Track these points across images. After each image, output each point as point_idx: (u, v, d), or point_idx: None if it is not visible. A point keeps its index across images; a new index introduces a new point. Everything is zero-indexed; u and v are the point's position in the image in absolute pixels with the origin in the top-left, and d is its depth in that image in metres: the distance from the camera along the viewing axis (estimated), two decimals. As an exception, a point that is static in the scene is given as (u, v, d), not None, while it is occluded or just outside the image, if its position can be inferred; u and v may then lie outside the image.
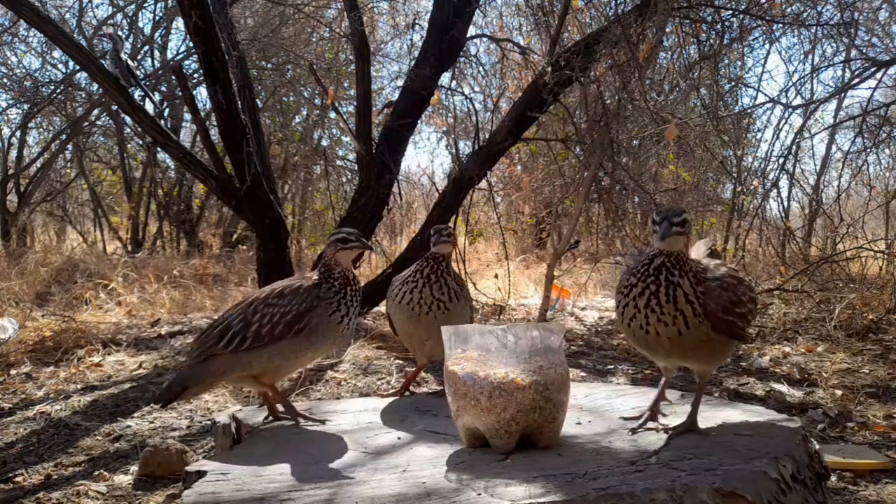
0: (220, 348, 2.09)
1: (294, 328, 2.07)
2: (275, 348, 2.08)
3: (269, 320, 2.07)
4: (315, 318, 2.10)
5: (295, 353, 2.12)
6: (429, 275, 2.34)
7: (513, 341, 1.76)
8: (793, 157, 7.76)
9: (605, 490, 1.43)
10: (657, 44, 4.22)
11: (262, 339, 2.06)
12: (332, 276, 2.16)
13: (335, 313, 2.14)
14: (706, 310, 1.78)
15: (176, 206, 9.79)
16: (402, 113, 4.89)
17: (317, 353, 2.19)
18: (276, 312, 2.08)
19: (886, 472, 2.52)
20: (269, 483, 1.59)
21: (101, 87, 4.43)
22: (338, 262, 2.17)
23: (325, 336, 2.13)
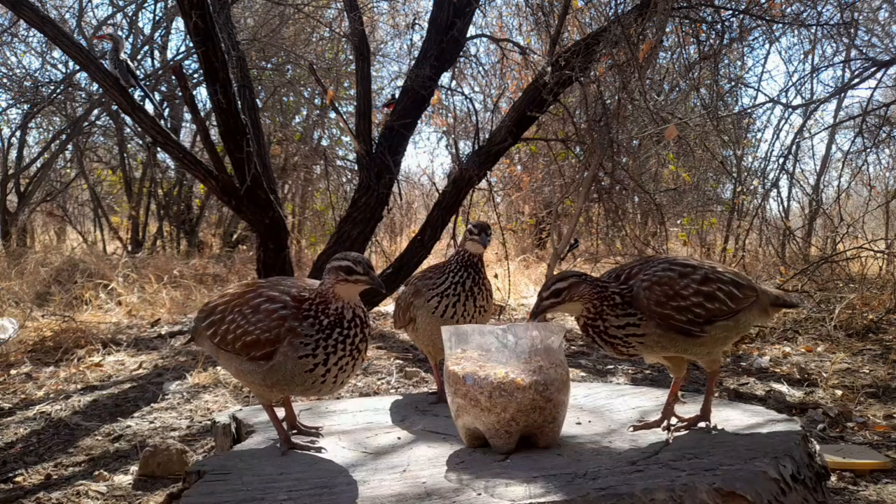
0: (203, 329, 1.95)
1: (250, 353, 1.79)
2: (237, 362, 1.85)
3: (234, 330, 1.83)
4: (279, 354, 1.75)
5: (254, 378, 1.83)
6: (471, 287, 2.20)
7: (513, 341, 1.76)
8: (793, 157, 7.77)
9: (605, 490, 1.43)
10: (657, 44, 4.22)
11: (226, 344, 1.85)
12: (325, 310, 1.77)
13: (306, 358, 1.74)
14: (640, 309, 1.80)
15: (176, 206, 9.79)
16: (402, 113, 4.89)
17: (281, 391, 1.85)
18: (241, 324, 1.81)
19: (886, 472, 2.52)
20: (269, 483, 1.59)
21: (101, 87, 4.42)
22: (337, 295, 1.77)
23: (288, 379, 1.77)
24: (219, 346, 1.88)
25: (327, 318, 1.76)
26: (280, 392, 1.84)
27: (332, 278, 1.76)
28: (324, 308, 1.77)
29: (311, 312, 1.77)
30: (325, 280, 1.78)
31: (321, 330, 1.75)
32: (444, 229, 5.03)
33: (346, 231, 4.76)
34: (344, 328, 1.76)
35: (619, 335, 1.82)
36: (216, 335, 1.87)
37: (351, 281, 1.76)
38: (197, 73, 7.87)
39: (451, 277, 2.21)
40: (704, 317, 1.83)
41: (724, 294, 1.86)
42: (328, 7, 7.19)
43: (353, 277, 1.75)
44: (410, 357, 4.33)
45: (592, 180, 4.61)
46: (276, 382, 1.79)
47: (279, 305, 1.79)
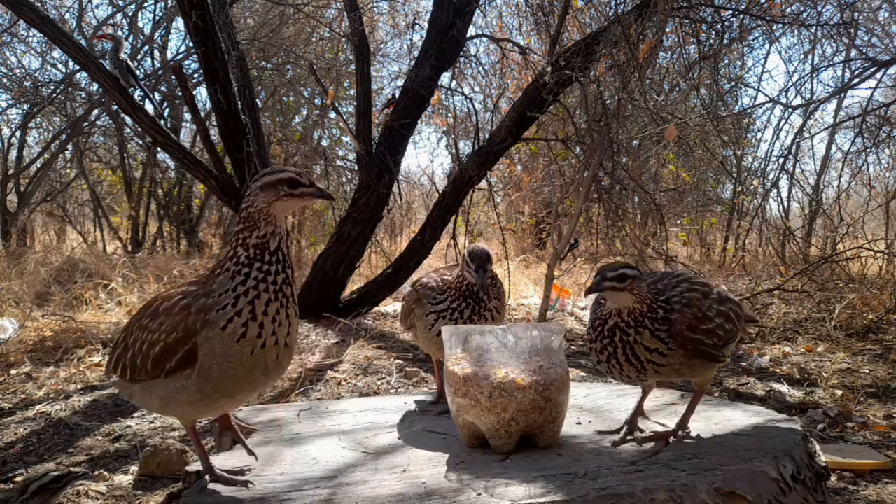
0: (111, 371, 1.69)
1: (164, 367, 1.48)
2: (159, 389, 1.54)
3: (139, 349, 1.54)
4: (202, 348, 1.43)
5: (188, 396, 1.49)
6: (470, 316, 2.12)
7: (513, 341, 1.76)
8: (793, 157, 7.77)
9: (605, 490, 1.43)
10: (657, 44, 4.22)
11: (139, 371, 1.55)
12: (244, 241, 1.45)
13: (231, 323, 1.42)
14: (672, 334, 1.73)
15: (176, 206, 9.79)
16: (402, 113, 4.89)
17: (225, 395, 1.51)
18: (144, 338, 1.52)
19: (886, 472, 2.52)
20: (268, 483, 1.59)
21: (101, 87, 4.43)
22: (270, 217, 1.46)
23: (228, 372, 1.44)
24: (132, 381, 1.58)
25: (246, 252, 1.44)
26: (226, 397, 1.51)
27: (271, 195, 1.45)
28: (244, 240, 1.45)
29: (224, 263, 1.47)
30: (256, 199, 1.46)
31: (238, 272, 1.43)
32: (444, 229, 5.03)
33: (346, 231, 4.76)
34: (264, 262, 1.44)
35: (641, 358, 1.73)
36: (126, 369, 1.57)
37: (296, 195, 1.47)
38: (197, 73, 7.88)
39: (450, 303, 2.13)
40: (724, 339, 1.79)
41: (735, 314, 1.84)
42: (328, 7, 7.19)
43: (298, 191, 1.47)
44: (410, 357, 4.33)
45: (592, 180, 4.60)
46: (216, 387, 1.47)
47: (178, 297, 1.50)
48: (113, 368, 1.66)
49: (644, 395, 1.93)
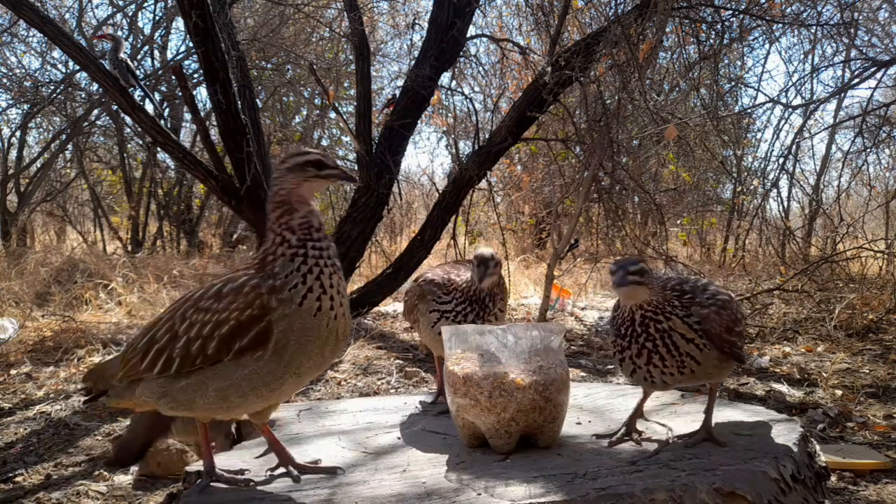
0: (143, 371, 1.55)
1: (233, 347, 1.45)
2: (219, 378, 1.48)
3: (198, 333, 1.47)
4: (277, 325, 1.44)
5: (255, 381, 1.47)
6: (474, 320, 2.11)
7: (513, 341, 1.75)
8: (793, 157, 7.78)
9: (605, 490, 1.43)
10: (657, 44, 4.22)
11: (192, 360, 1.48)
12: (289, 226, 1.49)
13: (307, 298, 1.46)
14: (709, 335, 1.72)
15: (176, 206, 9.79)
16: (402, 113, 4.89)
17: (295, 374, 1.50)
18: (206, 321, 1.47)
19: (886, 472, 2.52)
20: (268, 483, 1.59)
21: (101, 87, 4.43)
22: (301, 198, 1.50)
23: (303, 345, 1.46)
24: (177, 375, 1.51)
25: (294, 234, 1.48)
26: (294, 377, 1.50)
27: (299, 177, 1.49)
28: (287, 223, 1.49)
29: (276, 249, 1.48)
30: (285, 182, 1.49)
31: (295, 255, 1.47)
32: (444, 229, 5.03)
33: (346, 231, 4.76)
34: (314, 239, 1.48)
35: (681, 349, 1.70)
36: (171, 361, 1.50)
37: (322, 176, 1.52)
38: (197, 73, 7.88)
39: (455, 305, 2.12)
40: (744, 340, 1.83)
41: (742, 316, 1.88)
42: (328, 7, 7.19)
43: (324, 172, 1.51)
44: (410, 357, 4.33)
45: (592, 180, 4.60)
46: (287, 366, 1.47)
47: (243, 278, 1.49)
48: (147, 367, 1.53)
49: (645, 396, 1.92)
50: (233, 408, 1.54)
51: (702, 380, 1.82)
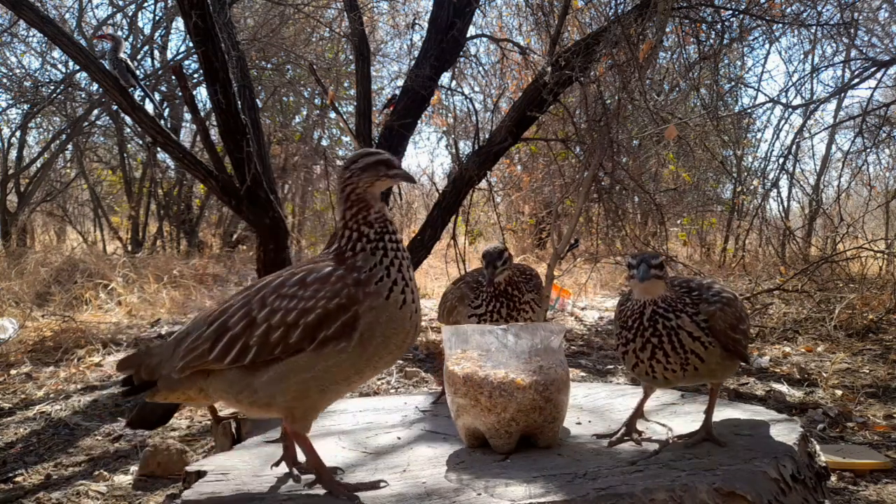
0: (213, 360, 1.48)
1: (318, 336, 1.42)
2: (290, 366, 1.45)
3: (282, 320, 1.43)
4: (364, 314, 1.44)
5: (339, 371, 1.45)
6: (508, 314, 2.18)
7: (513, 341, 1.76)
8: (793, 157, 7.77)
9: (605, 490, 1.43)
10: (657, 44, 4.21)
11: (271, 349, 1.44)
12: (366, 220, 1.51)
13: (393, 291, 1.47)
14: (714, 332, 1.73)
15: (176, 206, 9.79)
16: (402, 113, 4.89)
17: (374, 367, 1.51)
18: (291, 308, 1.44)
19: (886, 472, 2.52)
20: (268, 483, 1.59)
21: (101, 87, 4.43)
22: (374, 196, 1.54)
23: (387, 336, 1.46)
24: (249, 369, 1.46)
25: (372, 229, 1.50)
26: (371, 370, 1.51)
27: (373, 175, 1.53)
28: (364, 218, 1.51)
29: (355, 245, 1.50)
30: (360, 181, 1.52)
31: (375, 249, 1.49)
32: (445, 229, 5.02)
33: (347, 231, 4.76)
34: (390, 233, 1.52)
35: (686, 347, 1.71)
36: (244, 351, 1.45)
37: (390, 176, 1.56)
38: (197, 73, 7.88)
39: (486, 305, 2.19)
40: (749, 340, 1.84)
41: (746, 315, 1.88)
42: (328, 7, 7.19)
43: (392, 172, 1.55)
44: (410, 357, 4.33)
45: (592, 180, 4.60)
46: (369, 359, 1.47)
47: (327, 268, 1.48)
48: (217, 356, 1.46)
49: (646, 396, 1.92)
50: (311, 405, 1.50)
51: (705, 378, 1.82)
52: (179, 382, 1.54)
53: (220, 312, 1.52)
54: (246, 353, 1.45)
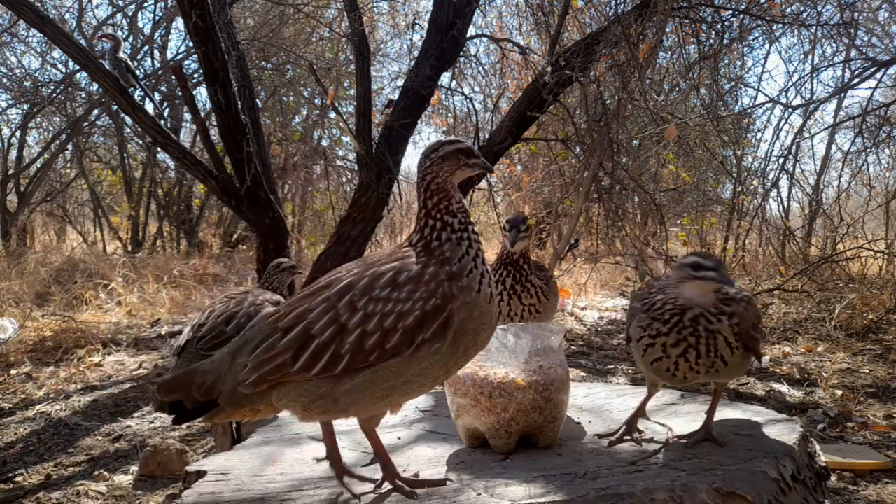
0: (297, 371, 1.38)
1: (416, 340, 1.36)
2: (381, 373, 1.38)
3: (379, 325, 1.36)
4: (458, 311, 1.38)
5: (421, 378, 1.40)
6: (513, 285, 2.14)
7: (513, 341, 1.75)
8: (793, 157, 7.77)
9: (605, 490, 1.43)
10: (657, 44, 4.22)
11: (365, 356, 1.36)
12: (448, 209, 1.45)
13: (482, 283, 1.42)
14: (739, 332, 1.71)
15: (176, 206, 9.80)
16: (402, 113, 4.89)
17: (459, 365, 1.47)
18: (389, 312, 1.36)
19: (886, 472, 2.52)
20: (268, 483, 1.59)
21: (101, 87, 4.43)
22: (455, 185, 1.48)
23: (476, 334, 1.42)
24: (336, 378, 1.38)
25: (455, 218, 1.45)
26: (458, 368, 1.49)
27: (454, 164, 1.47)
28: (447, 208, 1.45)
29: (440, 234, 1.44)
30: (441, 169, 1.46)
31: (461, 239, 1.43)
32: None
33: (346, 231, 4.76)
34: (470, 223, 1.47)
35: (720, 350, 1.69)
36: (335, 359, 1.37)
37: (470, 165, 1.50)
38: (197, 73, 7.88)
39: (495, 272, 2.14)
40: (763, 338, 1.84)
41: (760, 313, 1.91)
42: (328, 7, 7.19)
43: (472, 161, 1.50)
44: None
45: (592, 180, 4.60)
46: (459, 357, 1.43)
47: (417, 265, 1.41)
48: (303, 367, 1.37)
49: (649, 395, 1.91)
50: (391, 405, 1.45)
51: (721, 377, 1.80)
52: (248, 398, 1.43)
53: (294, 318, 1.41)
54: (337, 362, 1.36)
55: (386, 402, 1.43)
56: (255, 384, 1.40)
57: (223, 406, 1.45)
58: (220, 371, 1.46)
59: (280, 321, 1.43)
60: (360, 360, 1.36)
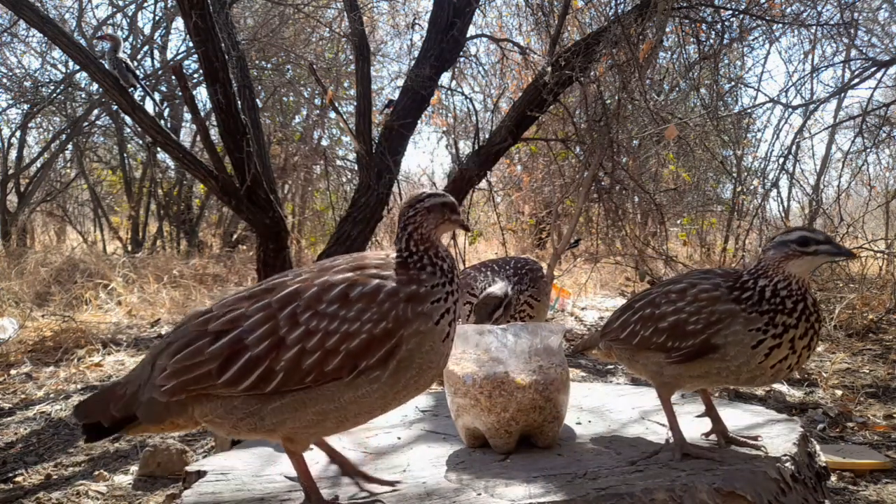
0: (223, 384, 1.27)
1: (359, 365, 1.26)
2: (313, 395, 1.28)
3: (320, 344, 1.25)
4: (408, 339, 1.29)
5: (356, 406, 1.30)
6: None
7: (512, 341, 1.75)
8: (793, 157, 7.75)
9: (605, 490, 1.43)
10: (657, 44, 4.22)
11: (301, 377, 1.26)
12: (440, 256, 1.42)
13: (443, 319, 1.36)
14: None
15: (176, 206, 9.80)
16: (402, 113, 4.89)
17: (399, 402, 1.38)
18: (333, 332, 1.26)
19: (886, 472, 2.52)
20: (268, 483, 1.59)
21: (101, 87, 4.43)
22: (437, 238, 1.47)
23: (422, 371, 1.33)
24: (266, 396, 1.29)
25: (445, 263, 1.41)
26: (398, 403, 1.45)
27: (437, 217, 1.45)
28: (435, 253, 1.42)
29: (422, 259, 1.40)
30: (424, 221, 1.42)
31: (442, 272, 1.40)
32: (444, 229, 5.02)
33: (346, 231, 4.76)
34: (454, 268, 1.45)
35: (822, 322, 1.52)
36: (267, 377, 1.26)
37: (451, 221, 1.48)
38: (197, 73, 7.88)
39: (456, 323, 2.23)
40: None
41: None
42: (328, 7, 7.19)
43: (454, 217, 1.48)
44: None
45: (592, 180, 4.60)
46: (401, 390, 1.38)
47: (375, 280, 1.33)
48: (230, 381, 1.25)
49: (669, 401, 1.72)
50: (321, 433, 1.36)
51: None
52: (167, 410, 1.30)
53: (227, 322, 1.29)
54: (269, 380, 1.25)
55: (317, 428, 1.32)
56: (172, 392, 1.27)
57: (141, 419, 1.32)
58: (140, 380, 1.33)
59: (210, 323, 1.30)
60: (295, 380, 1.25)
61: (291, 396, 1.27)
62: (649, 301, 1.71)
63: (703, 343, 1.54)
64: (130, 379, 1.37)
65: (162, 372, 1.30)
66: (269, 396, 1.27)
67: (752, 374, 1.56)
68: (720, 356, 1.55)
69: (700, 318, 1.56)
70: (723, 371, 1.57)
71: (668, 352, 1.61)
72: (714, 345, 1.53)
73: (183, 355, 1.29)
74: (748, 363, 1.53)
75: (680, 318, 1.58)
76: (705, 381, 1.65)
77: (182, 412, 1.31)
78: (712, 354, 1.55)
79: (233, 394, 1.27)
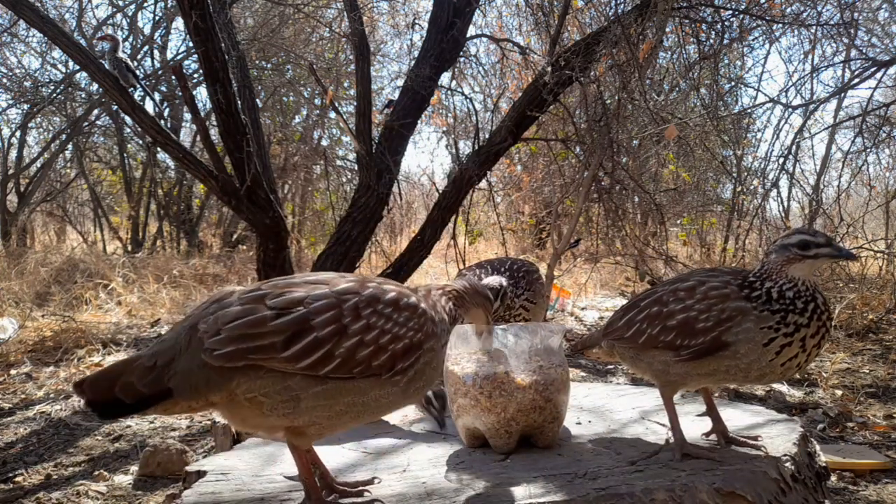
0: (285, 358, 1.30)
1: (396, 366, 1.38)
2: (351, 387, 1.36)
3: (375, 340, 1.36)
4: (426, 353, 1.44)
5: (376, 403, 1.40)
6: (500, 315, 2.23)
7: (512, 341, 1.75)
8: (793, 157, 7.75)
9: (605, 490, 1.43)
10: (657, 44, 4.22)
11: (351, 367, 1.34)
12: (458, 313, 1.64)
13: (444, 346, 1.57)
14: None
15: (176, 206, 9.80)
16: (402, 113, 4.89)
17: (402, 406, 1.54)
18: (387, 331, 1.38)
19: (886, 472, 2.52)
20: (268, 483, 1.59)
21: (101, 87, 4.43)
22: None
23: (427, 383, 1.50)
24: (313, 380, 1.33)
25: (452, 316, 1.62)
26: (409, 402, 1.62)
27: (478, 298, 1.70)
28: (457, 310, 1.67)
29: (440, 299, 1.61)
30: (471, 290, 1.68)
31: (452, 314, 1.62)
32: (445, 229, 5.03)
33: (346, 231, 4.76)
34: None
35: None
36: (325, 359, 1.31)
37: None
38: (197, 73, 7.88)
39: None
40: None
41: None
42: (328, 7, 7.19)
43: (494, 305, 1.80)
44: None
45: (592, 180, 4.60)
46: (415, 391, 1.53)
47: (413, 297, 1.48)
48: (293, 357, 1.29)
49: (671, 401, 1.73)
50: (335, 427, 1.42)
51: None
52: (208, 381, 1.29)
53: (290, 302, 1.33)
54: (326, 364, 1.31)
55: (336, 420, 1.38)
56: (229, 357, 1.28)
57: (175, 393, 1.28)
58: (174, 350, 1.31)
59: (267, 300, 1.33)
60: (346, 368, 1.33)
61: (333, 384, 1.33)
62: (656, 299, 1.70)
63: (714, 340, 1.54)
64: (159, 350, 1.33)
65: (214, 335, 1.29)
66: (315, 380, 1.32)
67: (761, 371, 1.55)
68: (731, 353, 1.54)
69: (710, 316, 1.56)
70: (732, 369, 1.56)
71: (677, 350, 1.60)
72: (725, 342, 1.53)
73: (243, 322, 1.30)
74: (759, 361, 1.53)
75: (690, 315, 1.58)
76: (712, 380, 1.65)
77: (223, 386, 1.30)
78: (723, 352, 1.55)
79: (287, 370, 1.30)
